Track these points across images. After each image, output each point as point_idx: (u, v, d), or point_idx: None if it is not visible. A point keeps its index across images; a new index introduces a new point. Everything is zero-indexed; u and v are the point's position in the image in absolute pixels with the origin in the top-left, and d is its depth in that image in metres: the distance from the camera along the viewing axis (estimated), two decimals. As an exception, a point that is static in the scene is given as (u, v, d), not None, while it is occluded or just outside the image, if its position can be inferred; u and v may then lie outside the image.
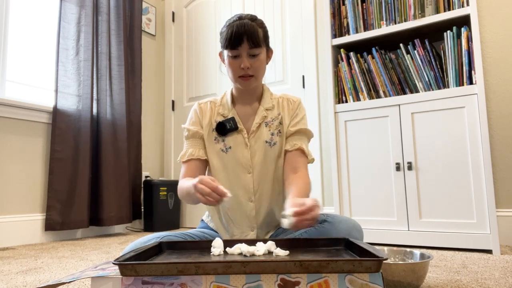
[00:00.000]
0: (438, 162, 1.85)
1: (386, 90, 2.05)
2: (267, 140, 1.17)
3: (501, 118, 2.00)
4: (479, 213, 1.73)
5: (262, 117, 1.18)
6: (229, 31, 1.08)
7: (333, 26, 2.25)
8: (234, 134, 1.17)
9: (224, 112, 1.19)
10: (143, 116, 3.10)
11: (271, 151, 1.16)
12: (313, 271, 0.68)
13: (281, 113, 1.20)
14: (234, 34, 1.07)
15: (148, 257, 0.84)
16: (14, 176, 2.24)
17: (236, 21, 1.10)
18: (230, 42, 1.08)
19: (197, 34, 3.23)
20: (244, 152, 1.15)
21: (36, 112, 2.36)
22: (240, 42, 1.07)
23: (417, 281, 1.05)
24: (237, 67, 1.11)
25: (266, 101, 1.20)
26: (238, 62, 1.10)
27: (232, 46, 1.08)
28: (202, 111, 1.21)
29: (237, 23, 1.08)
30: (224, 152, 1.16)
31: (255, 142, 1.17)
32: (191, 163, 1.17)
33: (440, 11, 1.94)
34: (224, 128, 1.16)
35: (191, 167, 1.16)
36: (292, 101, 1.23)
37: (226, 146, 1.16)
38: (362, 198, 2.03)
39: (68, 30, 2.53)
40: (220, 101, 1.23)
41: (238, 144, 1.16)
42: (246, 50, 1.08)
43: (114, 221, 2.60)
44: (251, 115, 1.19)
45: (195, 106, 1.24)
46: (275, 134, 1.18)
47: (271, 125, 1.18)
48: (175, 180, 3.07)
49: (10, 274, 1.42)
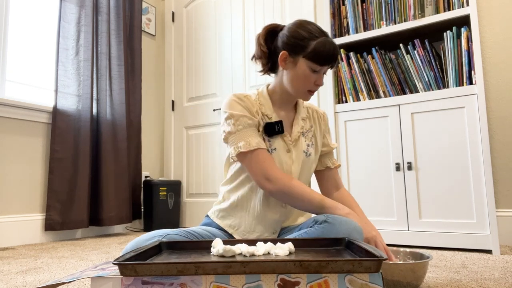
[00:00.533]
0: (438, 162, 1.85)
1: (386, 90, 2.05)
2: (304, 150, 1.18)
3: (501, 118, 2.00)
4: (479, 213, 1.73)
5: (301, 126, 1.20)
6: (326, 47, 1.07)
7: (333, 26, 2.25)
8: (279, 137, 1.16)
9: (267, 112, 1.16)
10: (143, 116, 3.10)
11: (307, 161, 1.18)
12: (313, 271, 0.68)
13: (313, 125, 1.24)
14: (332, 54, 1.08)
15: (148, 257, 0.84)
16: (14, 176, 2.24)
17: (327, 37, 1.11)
18: (326, 59, 1.08)
19: (197, 34, 3.23)
20: (286, 157, 1.16)
21: (36, 112, 2.36)
22: (333, 62, 1.10)
23: (417, 281, 1.05)
24: (311, 82, 1.12)
25: (301, 111, 1.23)
26: (315, 77, 1.11)
27: (324, 63, 1.08)
28: (250, 102, 1.15)
29: (331, 41, 1.09)
30: (270, 152, 1.14)
31: (295, 150, 1.17)
32: (260, 153, 1.08)
33: (440, 11, 1.94)
34: (272, 129, 1.14)
35: (264, 157, 1.08)
36: (321, 114, 1.29)
37: (271, 147, 1.15)
38: (362, 198, 2.03)
39: (68, 30, 2.53)
40: (258, 100, 1.18)
41: (282, 148, 1.16)
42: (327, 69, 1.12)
43: (114, 221, 2.60)
44: (289, 121, 1.21)
45: (235, 99, 1.13)
46: (310, 145, 1.20)
47: (307, 136, 1.21)
48: (175, 180, 3.07)
49: (10, 274, 1.42)
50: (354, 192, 2.06)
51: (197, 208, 3.05)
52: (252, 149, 1.07)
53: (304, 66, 1.10)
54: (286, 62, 1.13)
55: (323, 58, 1.07)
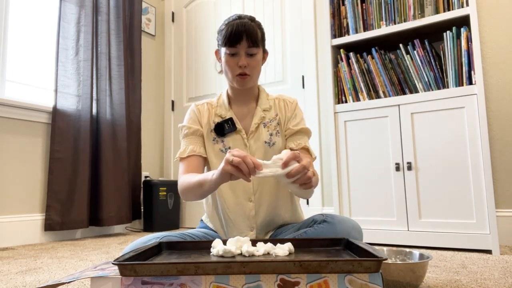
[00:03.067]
0: (437, 162, 1.85)
1: (385, 90, 2.05)
2: (266, 140, 1.17)
3: (500, 118, 2.00)
4: (479, 213, 1.73)
5: (260, 117, 1.19)
6: (229, 29, 1.09)
7: (333, 26, 2.25)
8: (233, 134, 1.17)
9: (221, 113, 1.20)
10: (143, 116, 3.10)
11: (271, 151, 1.17)
12: (313, 271, 0.68)
13: (278, 114, 1.21)
14: (234, 32, 1.08)
15: (147, 257, 0.84)
16: (13, 176, 2.24)
17: (235, 19, 1.11)
18: (230, 40, 1.08)
19: (197, 35, 3.23)
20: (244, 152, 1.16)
21: (35, 112, 2.36)
22: (239, 40, 1.08)
23: (416, 281, 1.05)
24: (234, 65, 1.11)
25: (263, 102, 1.21)
26: (236, 60, 1.11)
27: (232, 43, 1.09)
28: (199, 111, 1.22)
29: (237, 22, 1.09)
30: (224, 152, 1.16)
31: (254, 142, 1.17)
32: (192, 159, 1.15)
33: (440, 12, 1.94)
34: (222, 128, 1.17)
35: (192, 164, 1.15)
36: (289, 102, 1.24)
37: (225, 146, 1.17)
38: (362, 198, 2.03)
39: (68, 30, 2.53)
40: (217, 102, 1.23)
41: (237, 145, 1.16)
42: (245, 49, 1.10)
43: (114, 221, 2.60)
44: (248, 115, 1.20)
45: (192, 107, 1.24)
46: (274, 134, 1.19)
47: (269, 125, 1.19)
48: (175, 180, 3.07)
49: (10, 274, 1.41)
50: (354, 192, 2.06)
51: (197, 208, 3.05)
52: (185, 156, 1.15)
53: (223, 53, 1.13)
54: (218, 57, 1.20)
55: (227, 38, 1.09)
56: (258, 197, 1.16)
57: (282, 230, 1.18)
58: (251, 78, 1.13)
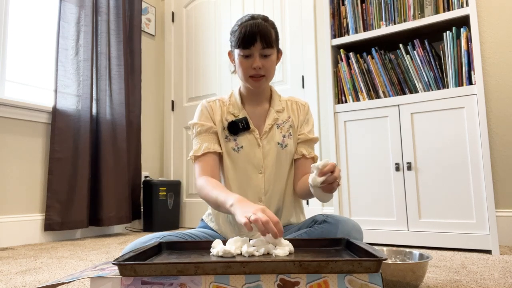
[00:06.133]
0: (437, 163, 1.85)
1: (385, 91, 2.05)
2: (279, 141, 1.18)
3: (500, 118, 2.00)
4: (479, 213, 1.73)
5: (274, 119, 1.19)
6: (242, 30, 1.08)
7: (333, 26, 2.25)
8: (246, 134, 1.17)
9: (234, 112, 1.19)
10: (143, 116, 3.10)
11: (283, 153, 1.17)
12: (313, 271, 0.68)
13: (291, 116, 1.22)
14: (248, 34, 1.07)
15: (147, 257, 0.84)
16: (13, 176, 2.24)
17: (249, 20, 1.10)
18: (244, 41, 1.07)
19: (197, 34, 3.23)
20: (257, 152, 1.16)
21: (35, 112, 2.36)
22: (253, 41, 1.07)
23: (416, 281, 1.05)
24: (248, 67, 1.10)
25: (276, 103, 1.22)
26: (250, 62, 1.10)
27: (245, 45, 1.08)
28: (212, 108, 1.20)
29: (251, 23, 1.08)
30: (236, 151, 1.15)
31: (267, 143, 1.17)
32: (207, 157, 1.13)
33: (440, 12, 1.94)
34: (236, 127, 1.16)
35: (209, 162, 1.12)
36: (301, 104, 1.26)
37: (238, 145, 1.16)
38: (362, 198, 2.03)
39: (68, 30, 2.53)
40: (229, 100, 1.22)
41: (251, 144, 1.16)
42: (259, 50, 1.09)
43: (114, 221, 2.60)
44: (261, 116, 1.20)
45: (204, 103, 1.21)
46: (287, 136, 1.19)
47: (282, 127, 1.20)
48: (175, 180, 3.07)
49: (9, 274, 1.41)
50: (353, 192, 2.06)
51: (196, 208, 3.05)
52: (200, 154, 1.13)
53: (236, 55, 1.12)
54: (231, 59, 1.18)
55: (240, 40, 1.08)
56: (269, 198, 1.16)
57: (286, 230, 1.18)
58: (265, 79, 1.13)
